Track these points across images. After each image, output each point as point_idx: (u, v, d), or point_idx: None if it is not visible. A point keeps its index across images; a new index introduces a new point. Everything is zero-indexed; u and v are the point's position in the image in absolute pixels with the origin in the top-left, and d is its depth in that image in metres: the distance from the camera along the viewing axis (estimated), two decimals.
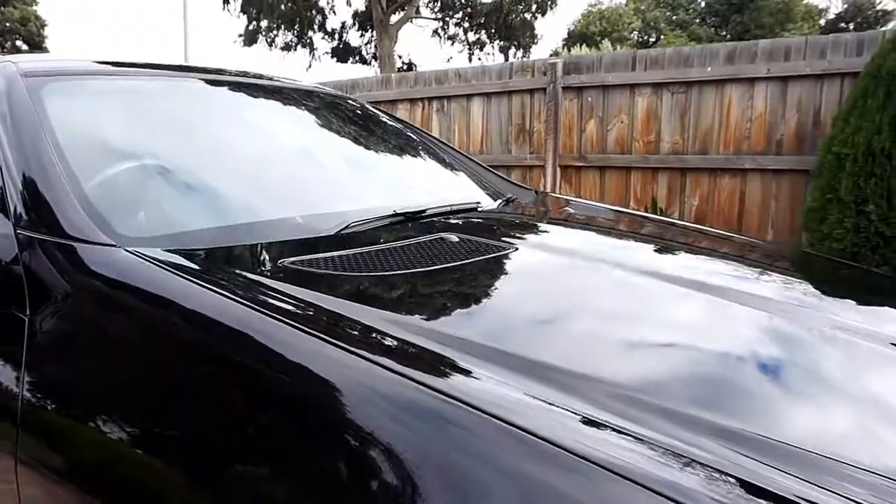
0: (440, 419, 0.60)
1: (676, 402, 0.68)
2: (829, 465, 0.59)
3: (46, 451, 0.86)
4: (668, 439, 0.58)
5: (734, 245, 1.69)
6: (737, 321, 0.96)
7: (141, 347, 0.84)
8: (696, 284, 1.10)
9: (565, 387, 0.66)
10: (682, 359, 0.85)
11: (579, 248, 1.30)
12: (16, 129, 1.17)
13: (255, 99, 1.78)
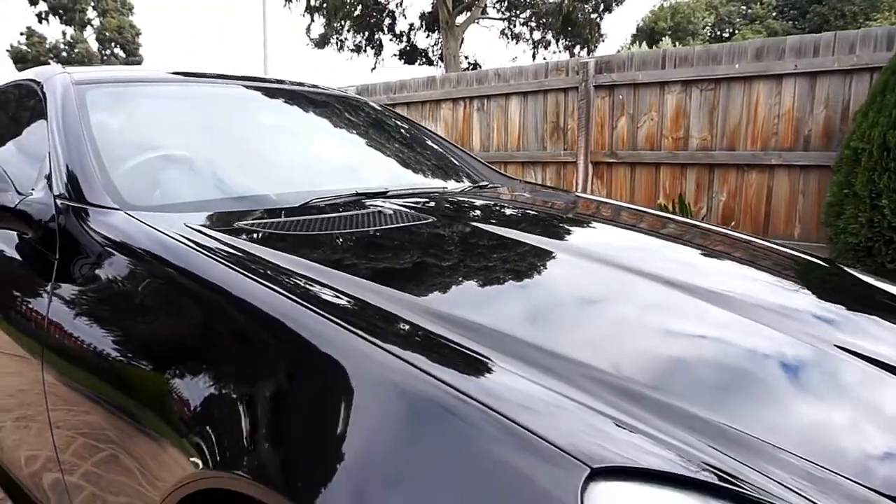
0: (297, 321, 0.86)
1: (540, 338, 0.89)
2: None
3: (66, 352, 1.18)
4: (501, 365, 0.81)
5: (669, 222, 1.84)
6: (674, 306, 1.08)
7: (131, 276, 1.15)
8: (592, 254, 1.30)
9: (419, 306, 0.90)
10: (552, 308, 1.06)
11: (495, 221, 1.52)
12: (64, 127, 1.52)
13: (267, 100, 2.10)
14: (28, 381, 1.28)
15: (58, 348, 1.18)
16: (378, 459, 0.71)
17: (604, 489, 0.60)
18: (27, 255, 1.37)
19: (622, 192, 4.77)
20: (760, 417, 0.80)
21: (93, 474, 1.15)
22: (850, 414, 0.87)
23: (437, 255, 1.22)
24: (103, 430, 1.09)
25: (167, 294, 1.09)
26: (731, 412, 0.78)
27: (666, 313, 1.05)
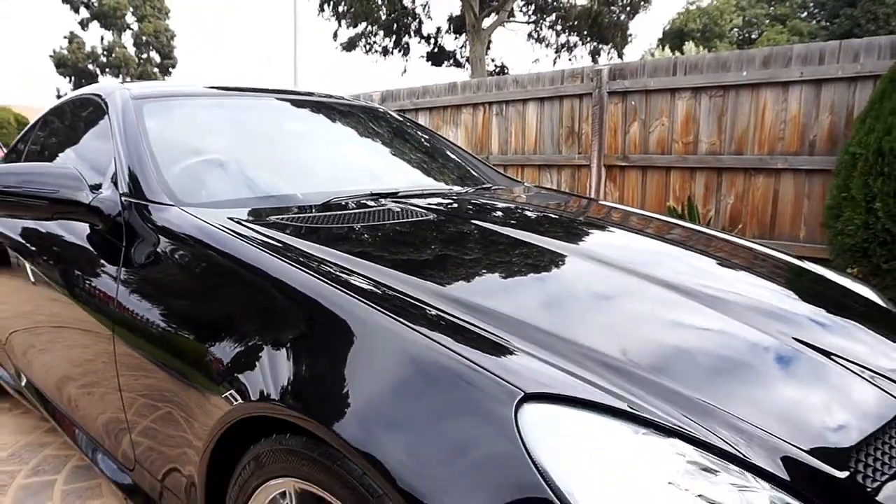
0: (325, 293, 1.10)
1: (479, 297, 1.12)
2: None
3: (132, 327, 1.44)
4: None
5: (642, 218, 2.04)
6: (631, 294, 1.29)
7: (184, 260, 1.41)
8: (573, 246, 1.52)
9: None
10: (530, 288, 1.28)
11: (492, 218, 1.74)
12: (125, 135, 1.80)
13: (297, 110, 2.37)
14: (101, 352, 1.55)
15: (125, 322, 1.45)
16: (378, 392, 0.95)
17: (532, 408, 0.83)
18: (98, 244, 1.64)
19: (634, 194, 4.95)
20: (697, 380, 0.99)
21: (152, 427, 1.41)
22: (778, 382, 1.07)
23: (436, 246, 1.46)
24: (161, 390, 1.35)
25: (215, 274, 1.35)
26: (676, 377, 0.98)
27: (638, 301, 1.25)
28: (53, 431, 2.38)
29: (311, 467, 0.99)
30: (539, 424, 0.82)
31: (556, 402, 0.86)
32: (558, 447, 0.81)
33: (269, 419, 1.06)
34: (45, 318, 1.90)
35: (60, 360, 1.83)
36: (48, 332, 1.90)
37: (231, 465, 1.17)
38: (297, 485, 1.03)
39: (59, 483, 2.02)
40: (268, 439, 1.07)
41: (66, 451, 2.24)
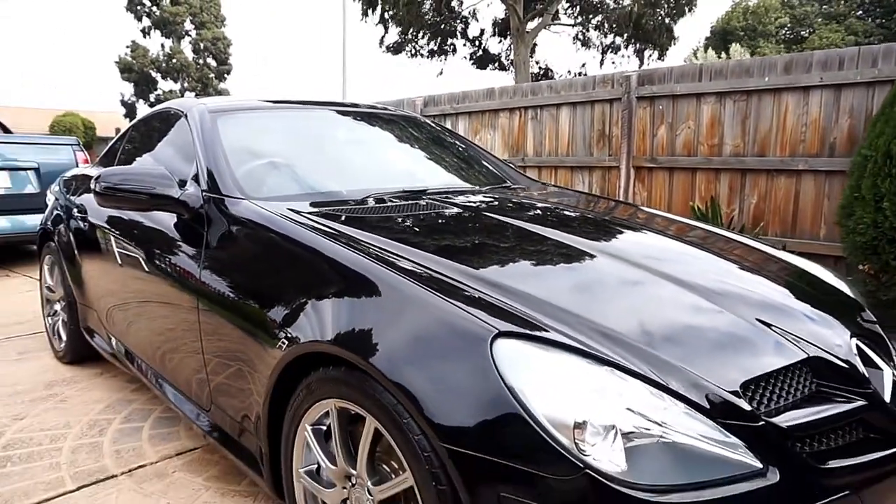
0: (364, 271, 1.46)
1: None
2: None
3: (215, 301, 1.83)
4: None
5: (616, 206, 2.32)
6: (631, 279, 1.63)
7: (249, 246, 1.79)
8: (578, 234, 1.83)
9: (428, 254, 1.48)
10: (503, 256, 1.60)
11: (490, 211, 2.06)
12: (204, 142, 2.20)
13: (344, 119, 2.75)
14: (187, 320, 1.95)
15: (207, 295, 1.84)
16: (400, 337, 1.28)
17: (505, 343, 1.16)
18: (184, 231, 2.04)
19: (661, 195, 5.17)
20: (654, 340, 1.28)
21: (224, 381, 1.80)
22: (720, 345, 1.33)
23: (454, 234, 1.80)
24: (233, 350, 1.73)
25: (277, 251, 1.72)
26: (636, 335, 1.29)
27: (623, 280, 1.54)
28: (139, 391, 2.83)
29: (348, 390, 1.34)
30: (506, 354, 1.14)
31: (519, 339, 1.18)
32: (522, 369, 1.13)
33: (318, 357, 1.42)
34: (139, 293, 2.33)
35: (152, 328, 2.25)
36: (142, 306, 2.33)
37: (285, 401, 1.54)
38: (338, 404, 1.38)
39: (145, 428, 2.45)
40: (316, 372, 1.43)
41: (149, 405, 2.67)
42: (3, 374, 3.05)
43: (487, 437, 1.10)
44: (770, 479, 1.09)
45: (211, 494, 1.98)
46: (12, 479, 2.07)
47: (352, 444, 1.40)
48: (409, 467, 1.21)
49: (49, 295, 3.36)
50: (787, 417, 1.20)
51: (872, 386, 1.34)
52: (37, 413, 2.60)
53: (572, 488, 1.03)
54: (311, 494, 1.52)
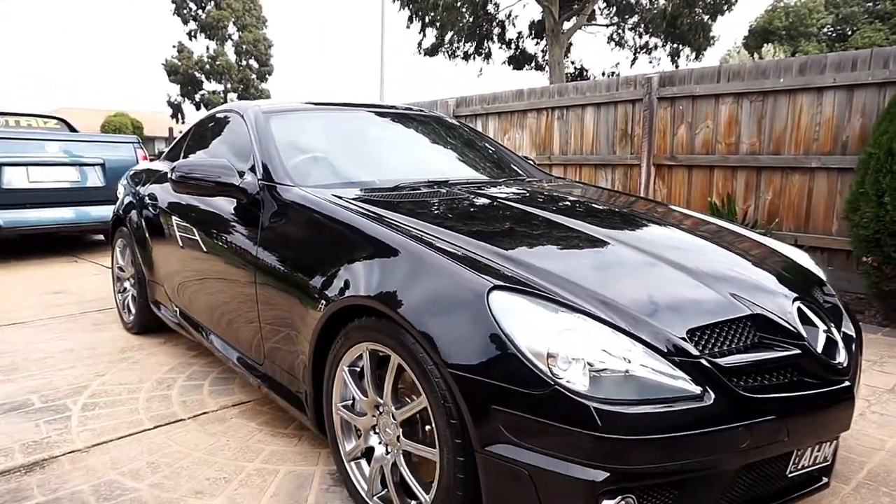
0: (390, 242, 1.80)
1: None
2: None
3: (268, 274, 2.19)
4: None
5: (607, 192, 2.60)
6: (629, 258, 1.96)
7: (299, 226, 2.15)
8: (581, 219, 2.14)
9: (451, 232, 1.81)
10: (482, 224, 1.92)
11: (502, 198, 2.38)
12: (259, 138, 2.58)
13: (379, 118, 3.10)
14: (246, 292, 2.32)
15: (263, 268, 2.21)
16: (419, 293, 1.62)
17: (498, 294, 1.48)
18: (244, 214, 2.42)
19: (680, 191, 5.39)
20: (631, 301, 1.60)
21: (275, 340, 2.16)
22: (685, 308, 1.65)
23: (470, 214, 2.13)
24: (283, 317, 2.10)
25: (323, 229, 2.07)
26: (616, 293, 1.60)
27: (613, 255, 1.86)
28: (197, 356, 3.23)
29: (378, 334, 1.68)
30: (499, 302, 1.46)
31: (509, 291, 1.50)
32: (510, 313, 1.45)
33: (353, 311, 1.76)
34: (203, 269, 2.72)
35: (215, 299, 2.63)
36: (206, 280, 2.71)
37: (325, 351, 1.88)
38: (369, 346, 1.73)
39: (205, 385, 2.85)
40: (351, 323, 1.77)
41: (207, 368, 3.07)
42: (83, 341, 3.51)
43: (484, 365, 1.42)
44: (705, 402, 1.39)
45: (263, 435, 2.35)
46: (101, 419, 2.48)
47: (379, 380, 1.74)
48: (424, 392, 1.55)
49: (120, 274, 3.81)
50: (730, 359, 1.49)
51: (807, 340, 1.61)
52: (114, 371, 3.03)
53: (545, 399, 1.34)
54: (347, 423, 1.87)
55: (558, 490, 1.35)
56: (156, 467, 2.11)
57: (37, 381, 2.90)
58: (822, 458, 1.65)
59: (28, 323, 3.91)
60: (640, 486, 1.37)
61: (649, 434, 1.33)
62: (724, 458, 1.41)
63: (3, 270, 5.70)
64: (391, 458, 1.71)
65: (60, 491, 1.96)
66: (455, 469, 1.48)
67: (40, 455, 2.19)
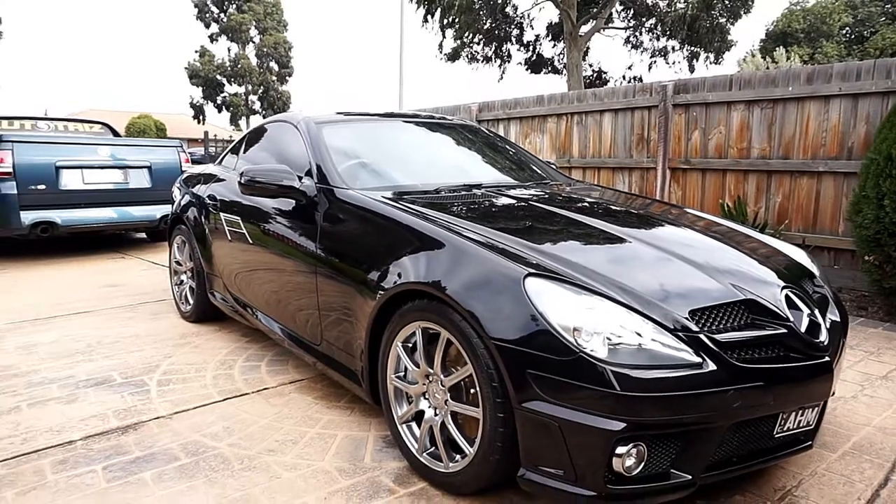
0: (436, 237, 2.12)
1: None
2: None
3: (327, 266, 2.53)
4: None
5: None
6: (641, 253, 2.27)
7: (355, 224, 2.49)
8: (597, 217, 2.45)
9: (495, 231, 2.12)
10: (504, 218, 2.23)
11: (530, 199, 2.69)
12: (313, 146, 2.92)
13: (417, 127, 3.44)
14: (307, 282, 2.66)
15: (323, 261, 2.54)
16: (465, 278, 1.93)
17: (532, 280, 1.80)
18: (303, 213, 2.75)
19: (694, 193, 5.66)
20: (645, 287, 1.91)
21: (333, 326, 2.49)
22: (691, 295, 1.96)
23: (501, 214, 2.45)
24: (341, 303, 2.43)
25: (377, 227, 2.40)
26: (633, 280, 1.92)
27: (629, 249, 2.18)
28: (251, 341, 3.58)
29: (430, 314, 2.00)
30: (533, 286, 1.78)
31: (541, 277, 1.81)
32: (542, 295, 1.77)
33: (407, 295, 2.09)
34: (262, 262, 3.06)
35: (274, 288, 2.97)
36: (266, 272, 3.06)
37: (380, 330, 2.21)
38: (421, 325, 2.05)
39: (262, 366, 3.20)
40: (405, 305, 2.10)
41: (262, 351, 3.42)
42: (146, 328, 3.88)
43: (521, 337, 1.74)
44: (703, 370, 1.69)
45: (319, 407, 2.69)
46: (176, 392, 2.84)
47: (429, 353, 2.06)
48: (469, 361, 1.87)
49: (177, 268, 4.18)
50: (725, 336, 1.79)
51: (792, 322, 1.91)
52: (180, 354, 3.39)
53: (572, 364, 1.66)
54: (400, 391, 2.19)
55: (583, 438, 1.66)
56: (231, 431, 2.45)
57: (113, 361, 3.26)
58: (805, 423, 1.95)
59: (93, 312, 4.30)
60: (649, 436, 1.67)
61: (657, 392, 1.64)
62: (718, 416, 1.71)
63: (60, 265, 6.12)
64: (439, 419, 2.04)
65: (154, 448, 2.31)
66: (496, 424, 1.79)
67: (131, 420, 2.55)
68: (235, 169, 3.65)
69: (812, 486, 2.07)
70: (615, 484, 1.67)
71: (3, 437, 2.38)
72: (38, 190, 5.85)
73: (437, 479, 2.03)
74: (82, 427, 2.48)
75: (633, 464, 1.67)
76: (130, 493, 1.99)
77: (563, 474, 1.70)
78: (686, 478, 1.72)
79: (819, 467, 2.20)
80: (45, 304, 4.53)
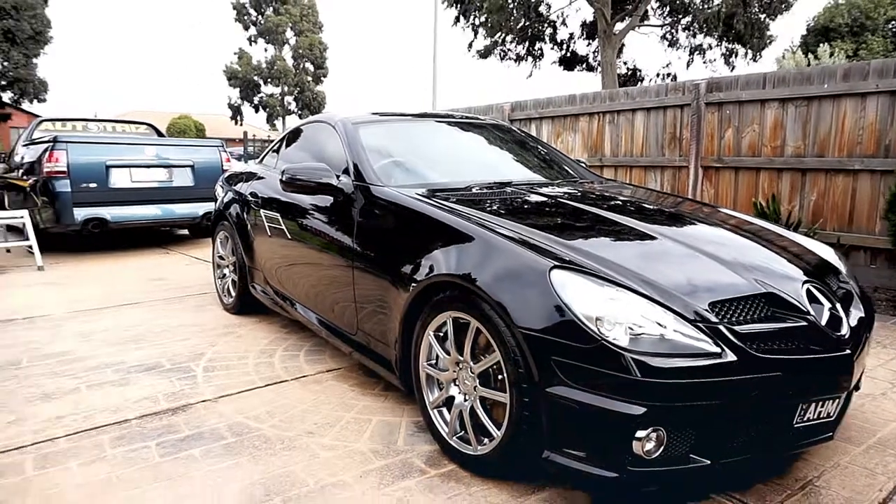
0: (469, 235, 2.23)
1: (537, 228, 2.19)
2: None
3: (364, 260, 2.66)
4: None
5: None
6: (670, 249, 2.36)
7: (389, 219, 2.61)
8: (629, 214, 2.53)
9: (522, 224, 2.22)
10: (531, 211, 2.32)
11: (559, 197, 2.77)
12: (350, 145, 3.06)
13: (449, 126, 3.55)
14: (344, 275, 2.79)
15: (359, 255, 2.67)
16: (494, 270, 2.04)
17: (557, 272, 1.89)
18: (339, 208, 2.89)
19: (727, 192, 5.65)
20: (671, 281, 1.99)
21: (369, 317, 2.62)
22: (713, 289, 2.03)
23: (528, 209, 2.54)
24: (377, 295, 2.55)
25: (411, 222, 2.52)
26: (659, 275, 2.00)
27: (658, 245, 2.25)
28: (290, 333, 3.75)
29: (460, 304, 2.11)
30: (558, 277, 1.87)
31: (566, 269, 1.90)
32: (566, 287, 1.86)
33: (438, 287, 2.20)
34: (302, 256, 3.21)
35: (313, 281, 3.12)
36: (305, 265, 3.21)
37: (413, 321, 2.33)
38: (452, 314, 2.16)
39: (301, 355, 3.35)
40: (436, 296, 2.21)
41: (300, 342, 3.58)
42: (191, 319, 4.08)
43: (547, 326, 1.83)
44: (723, 359, 1.76)
45: (355, 394, 2.83)
46: (220, 378, 3.01)
47: (459, 341, 2.17)
48: (498, 348, 1.97)
49: (220, 262, 4.38)
50: (745, 327, 1.85)
51: (813, 315, 1.96)
52: (223, 343, 3.57)
53: (594, 351, 1.75)
54: (431, 378, 2.31)
55: (604, 421, 1.75)
56: (272, 414, 2.60)
57: (162, 349, 3.46)
58: (825, 414, 1.99)
59: (141, 304, 4.53)
60: (669, 421, 1.75)
61: (676, 380, 1.71)
62: (737, 404, 1.78)
63: (109, 260, 6.42)
64: (469, 404, 2.14)
65: (202, 427, 2.47)
66: (522, 408, 1.89)
67: (180, 402, 2.72)
68: (276, 167, 3.82)
69: (834, 477, 2.12)
70: (635, 466, 1.76)
71: (66, 415, 2.58)
72: (89, 188, 6.15)
73: (466, 461, 2.14)
74: (136, 407, 2.66)
75: (652, 447, 1.75)
76: (181, 468, 2.15)
77: (585, 456, 1.80)
78: (705, 462, 1.79)
79: (842, 460, 2.24)
80: (98, 295, 4.79)
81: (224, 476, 2.09)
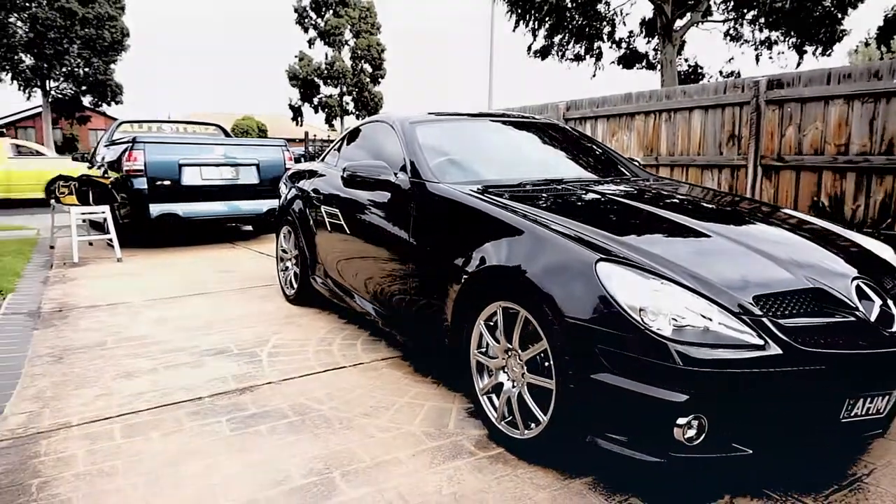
0: (525, 231, 2.33)
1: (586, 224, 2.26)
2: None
3: (420, 253, 2.79)
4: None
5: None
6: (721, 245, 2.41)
7: (445, 214, 2.73)
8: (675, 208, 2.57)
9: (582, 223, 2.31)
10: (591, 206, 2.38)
11: (610, 194, 2.83)
12: (407, 144, 3.20)
13: (503, 125, 3.65)
14: (401, 267, 2.94)
15: (415, 248, 2.81)
16: (543, 263, 2.13)
17: (603, 264, 1.97)
18: (399, 205, 3.03)
19: (788, 191, 5.52)
20: (723, 273, 2.04)
21: (423, 307, 2.75)
22: (761, 284, 2.06)
23: (581, 207, 2.62)
24: (431, 286, 2.68)
25: (465, 218, 2.63)
26: (708, 270, 2.05)
27: (709, 242, 2.30)
28: (348, 323, 3.93)
29: (510, 295, 2.21)
30: (603, 270, 1.95)
31: (611, 262, 1.98)
32: (612, 278, 1.93)
33: (490, 277, 2.31)
34: (361, 249, 3.38)
35: (372, 273, 3.27)
36: (364, 259, 3.37)
37: (464, 311, 2.44)
38: (502, 305, 2.26)
39: (358, 344, 3.52)
40: (487, 287, 2.32)
41: (357, 332, 3.75)
42: (256, 308, 4.33)
43: (592, 316, 1.92)
44: (767, 351, 1.80)
45: (408, 381, 2.97)
46: (283, 363, 3.21)
47: (508, 330, 2.27)
48: (545, 337, 2.06)
49: (283, 255, 4.62)
50: (791, 321, 1.89)
51: (862, 311, 1.97)
52: (285, 331, 3.78)
53: (638, 340, 1.82)
54: (482, 364, 2.42)
55: (647, 407, 1.82)
56: (331, 397, 2.77)
57: (230, 335, 3.70)
58: (874, 410, 1.99)
59: (211, 293, 4.82)
60: (711, 409, 1.80)
61: (718, 369, 1.77)
62: (780, 395, 1.82)
63: (180, 253, 6.82)
64: (517, 390, 2.24)
65: (267, 406, 2.66)
66: (568, 394, 1.98)
67: (247, 384, 2.92)
68: (336, 165, 4.01)
69: (884, 476, 2.11)
70: (677, 452, 1.82)
71: (147, 392, 2.82)
72: (163, 185, 6.55)
73: (514, 445, 2.24)
74: (208, 387, 2.88)
75: (693, 434, 1.81)
76: (249, 441, 2.34)
77: (627, 441, 1.87)
78: (747, 451, 1.84)
79: (895, 459, 2.23)
80: (171, 285, 5.12)
81: (288, 450, 2.27)
